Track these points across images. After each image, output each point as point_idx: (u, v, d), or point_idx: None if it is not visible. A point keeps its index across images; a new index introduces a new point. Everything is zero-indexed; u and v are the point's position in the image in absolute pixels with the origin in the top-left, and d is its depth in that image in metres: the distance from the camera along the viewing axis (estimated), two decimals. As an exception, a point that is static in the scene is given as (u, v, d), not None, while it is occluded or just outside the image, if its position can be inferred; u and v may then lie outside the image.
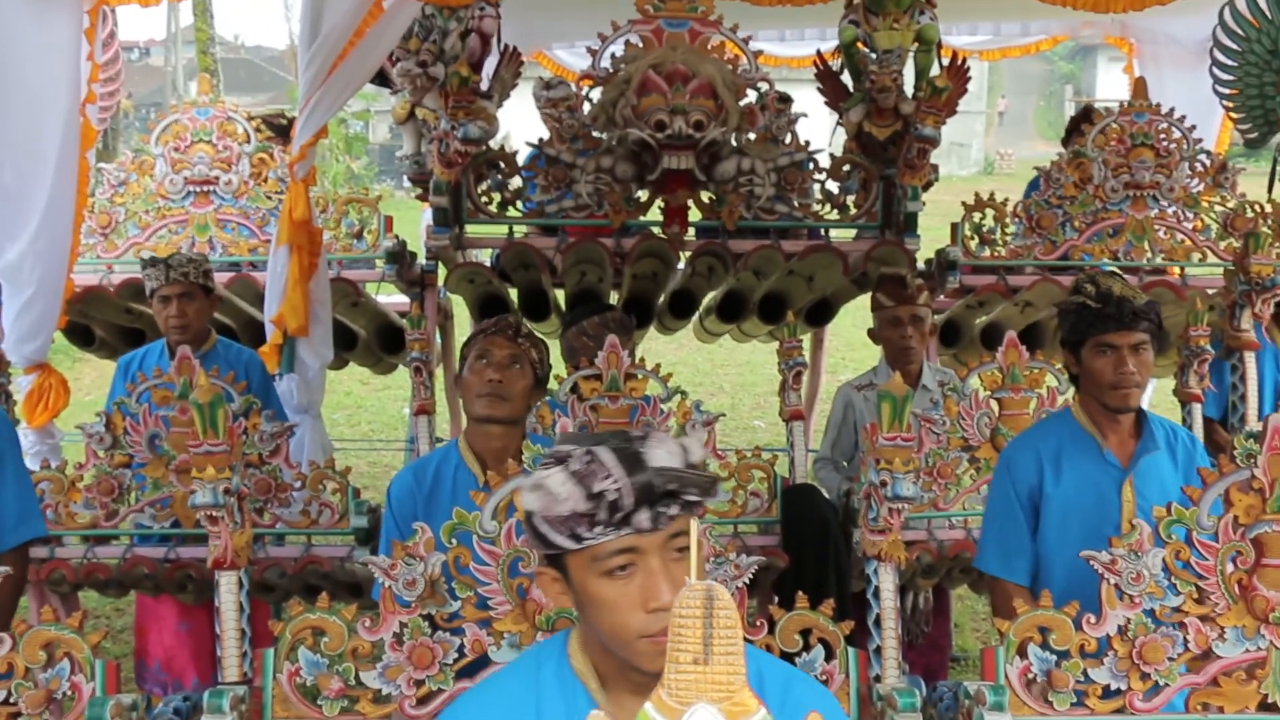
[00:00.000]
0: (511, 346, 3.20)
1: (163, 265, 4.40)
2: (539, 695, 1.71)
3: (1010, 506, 3.29)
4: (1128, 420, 3.24)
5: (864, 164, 5.21)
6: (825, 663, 2.68)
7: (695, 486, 1.60)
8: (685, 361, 11.19)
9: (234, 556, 2.72)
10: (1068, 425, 3.31)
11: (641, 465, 1.58)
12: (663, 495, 1.58)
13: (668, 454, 1.60)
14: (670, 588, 1.58)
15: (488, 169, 5.12)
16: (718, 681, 0.94)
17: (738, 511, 3.79)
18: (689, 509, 1.61)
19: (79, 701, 2.54)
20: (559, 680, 1.72)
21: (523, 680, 1.75)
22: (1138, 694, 2.62)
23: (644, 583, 1.60)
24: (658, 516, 1.58)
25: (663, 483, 1.58)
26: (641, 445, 1.61)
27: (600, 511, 1.57)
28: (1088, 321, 3.18)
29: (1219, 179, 5.46)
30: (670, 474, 1.58)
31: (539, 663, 1.76)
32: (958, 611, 5.69)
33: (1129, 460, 3.22)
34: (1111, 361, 3.14)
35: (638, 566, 1.61)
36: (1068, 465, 3.24)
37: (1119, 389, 3.15)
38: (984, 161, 30.79)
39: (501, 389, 3.16)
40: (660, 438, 1.63)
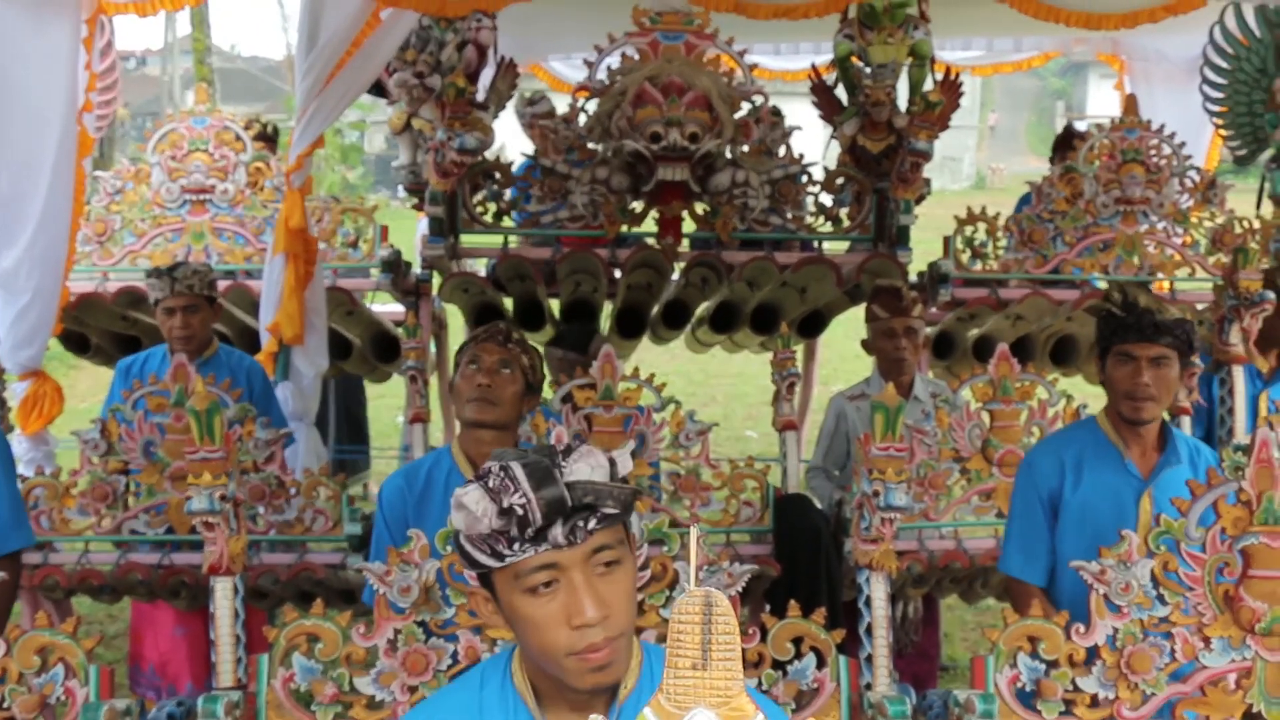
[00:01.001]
0: (502, 352, 3.22)
1: (168, 277, 4.42)
2: (481, 712, 1.71)
3: (1031, 508, 3.33)
4: (1151, 433, 3.26)
5: (857, 177, 5.25)
6: (817, 670, 2.70)
7: (612, 499, 1.57)
8: (678, 371, 11.20)
9: (229, 562, 2.73)
10: (1092, 433, 3.34)
11: (552, 479, 1.55)
12: (577, 509, 1.55)
13: (589, 467, 1.57)
14: (594, 604, 1.57)
15: (483, 179, 5.15)
16: (716, 687, 0.96)
17: (730, 521, 3.81)
18: (609, 522, 1.58)
19: (73, 707, 2.54)
20: (501, 697, 1.71)
21: (466, 696, 1.74)
22: (1126, 703, 2.65)
23: (567, 599, 1.58)
24: (573, 530, 1.55)
25: (576, 496, 1.55)
26: (561, 459, 1.58)
27: (513, 528, 1.55)
28: (1111, 329, 3.22)
29: (1208, 195, 5.50)
30: (584, 487, 1.55)
31: (483, 679, 1.75)
32: (947, 621, 5.71)
33: (1150, 472, 3.24)
34: (1129, 371, 3.17)
35: (561, 583, 1.58)
36: (1089, 472, 3.27)
37: (1132, 399, 3.17)
38: (976, 176, 30.86)
39: (490, 393, 3.18)
40: (586, 450, 1.61)
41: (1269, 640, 2.63)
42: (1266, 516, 2.61)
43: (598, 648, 1.58)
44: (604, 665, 1.61)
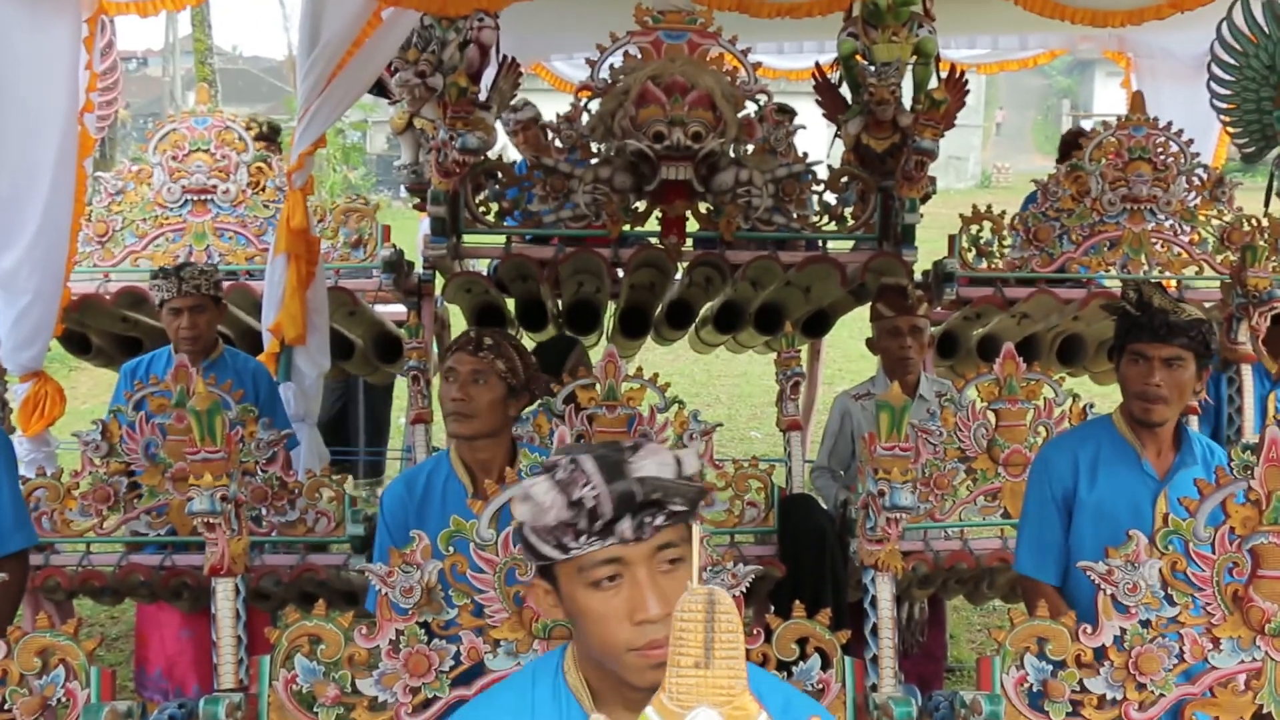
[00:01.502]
0: (474, 362, 3.20)
1: (174, 278, 4.40)
2: (533, 711, 1.70)
3: (1045, 506, 3.30)
4: (1167, 433, 3.24)
5: (862, 176, 5.22)
6: (822, 671, 2.68)
7: (680, 496, 1.57)
8: (682, 372, 11.19)
9: (230, 563, 2.72)
10: (1108, 432, 3.31)
11: (623, 474, 1.55)
12: (645, 505, 1.55)
13: (657, 464, 1.58)
14: (658, 600, 1.56)
15: (486, 179, 5.13)
16: (719, 685, 0.94)
17: (735, 521, 3.79)
18: (676, 519, 1.58)
19: (74, 708, 2.53)
20: (553, 696, 1.71)
21: (518, 695, 1.73)
22: (1133, 704, 2.62)
23: (630, 594, 1.57)
24: (641, 526, 1.55)
25: (644, 492, 1.55)
26: (629, 454, 1.58)
27: (581, 520, 1.55)
28: (1125, 328, 3.19)
29: (1216, 193, 5.48)
30: (653, 483, 1.55)
31: (534, 678, 1.75)
32: (953, 622, 5.68)
33: (1166, 473, 3.22)
34: (1141, 371, 3.14)
35: (624, 578, 1.58)
36: (1104, 471, 3.24)
37: (1143, 400, 3.15)
38: (981, 175, 30.86)
39: (465, 407, 3.18)
40: (653, 448, 1.61)
41: (1279, 641, 2.61)
42: (1276, 516, 2.59)
43: (659, 644, 1.54)
44: (665, 663, 1.59)
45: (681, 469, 1.60)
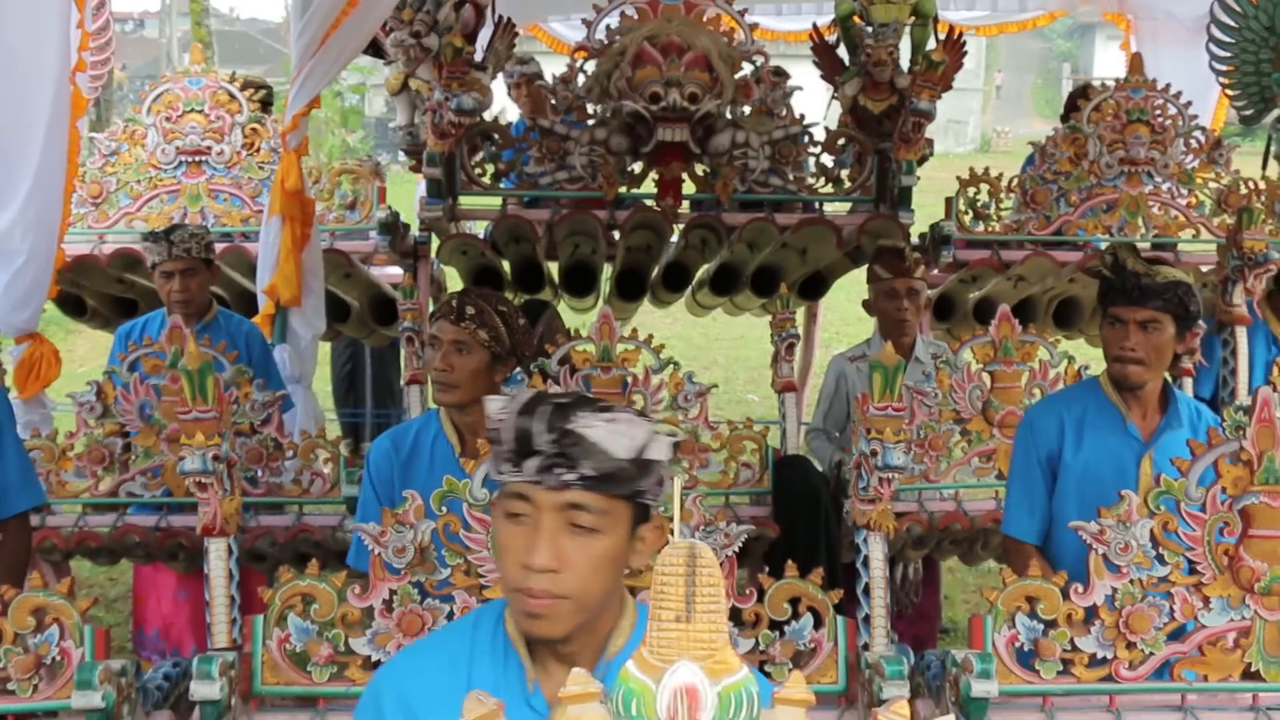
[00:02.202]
0: (456, 331, 3.19)
1: (165, 241, 4.38)
2: (472, 657, 1.70)
3: (1029, 469, 3.32)
4: (1152, 395, 3.24)
5: (859, 138, 5.20)
6: (814, 631, 2.70)
7: (598, 464, 1.55)
8: (679, 335, 11.17)
9: (223, 523, 2.72)
10: (1094, 394, 3.32)
11: (534, 413, 1.55)
12: (558, 454, 1.55)
13: (608, 432, 1.55)
14: (548, 552, 1.56)
15: (481, 141, 5.11)
16: (700, 639, 0.94)
17: (729, 482, 3.80)
18: (588, 484, 1.56)
19: (68, 667, 2.54)
20: (492, 643, 1.71)
21: (459, 640, 1.73)
22: (1124, 663, 2.64)
23: (529, 537, 1.58)
24: (546, 470, 1.55)
25: (564, 443, 1.54)
26: (590, 411, 1.56)
27: (495, 440, 1.59)
28: (1104, 292, 3.20)
29: (1214, 155, 5.45)
30: (575, 438, 1.54)
31: (476, 623, 1.74)
32: (947, 584, 5.71)
33: (1151, 435, 3.23)
34: (1117, 334, 3.15)
35: (530, 519, 1.59)
36: (1089, 433, 3.26)
37: (1119, 362, 3.16)
38: (981, 139, 30.73)
39: (447, 376, 3.18)
40: (625, 419, 1.58)
41: (1268, 600, 2.63)
42: (1267, 476, 2.60)
43: (535, 594, 1.58)
44: (537, 615, 1.60)
45: (640, 450, 1.57)
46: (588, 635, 1.67)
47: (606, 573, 1.62)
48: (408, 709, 1.67)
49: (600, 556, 1.60)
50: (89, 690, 2.40)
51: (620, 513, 1.61)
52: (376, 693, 1.72)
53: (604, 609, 1.67)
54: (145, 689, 2.59)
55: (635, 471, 1.58)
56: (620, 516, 1.61)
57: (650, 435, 1.60)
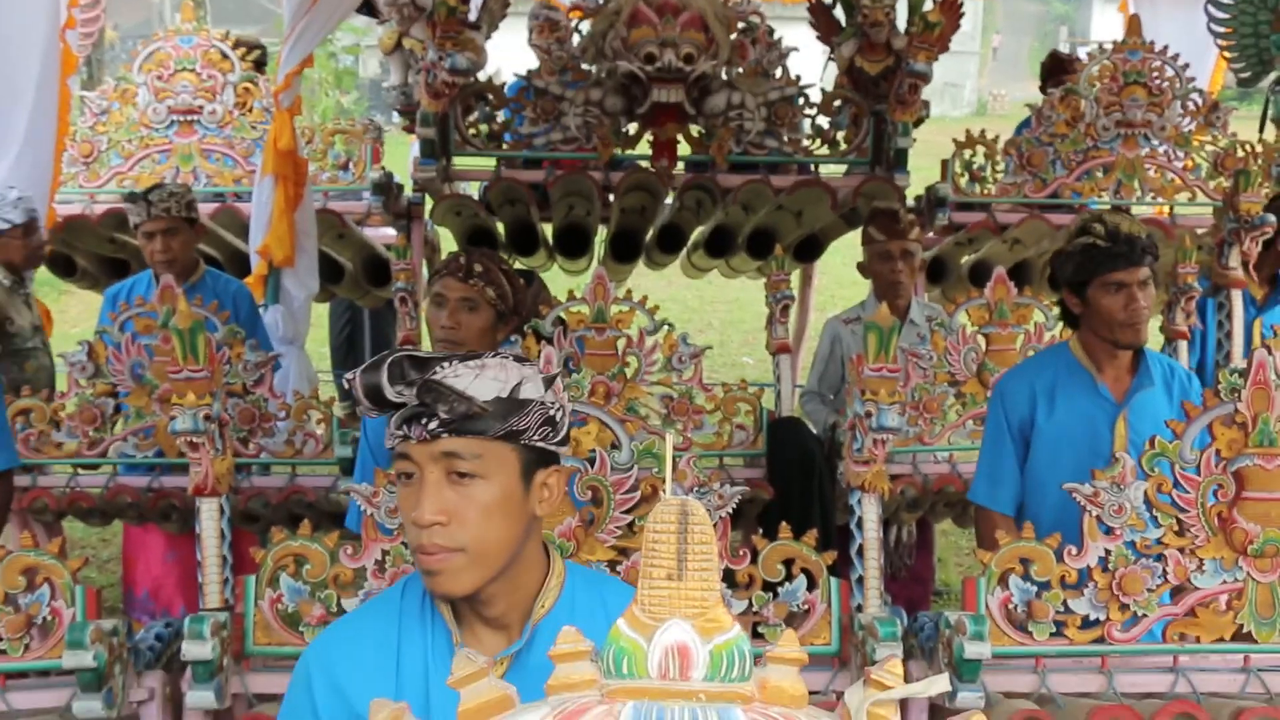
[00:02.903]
0: (463, 289, 3.17)
1: (144, 201, 4.35)
2: (400, 626, 1.68)
3: (1000, 436, 3.32)
4: (1126, 356, 3.25)
5: (855, 99, 5.17)
6: (807, 592, 2.69)
7: (451, 408, 1.53)
8: (674, 298, 11.15)
9: (214, 483, 2.71)
10: (1064, 359, 3.32)
11: (377, 369, 1.54)
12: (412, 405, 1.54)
13: (474, 374, 1.54)
14: (431, 506, 1.55)
15: (475, 101, 5.07)
16: (691, 597, 0.92)
17: (723, 444, 3.79)
18: (447, 429, 1.54)
19: (59, 627, 2.53)
20: (420, 610, 1.69)
21: (386, 611, 1.71)
22: (1116, 624, 2.64)
23: (415, 495, 1.57)
24: (408, 421, 1.54)
25: (422, 394, 1.53)
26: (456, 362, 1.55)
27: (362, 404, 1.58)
28: (1097, 261, 3.16)
29: (1210, 118, 5.42)
30: (431, 387, 1.52)
31: (403, 591, 1.72)
32: (941, 546, 5.72)
33: (1124, 395, 3.23)
34: (1122, 299, 3.13)
35: (416, 478, 1.58)
36: (1062, 398, 3.26)
37: (1132, 325, 3.15)
38: (977, 102, 30.55)
39: (454, 334, 3.16)
40: (495, 363, 1.57)
41: (1261, 562, 2.63)
42: (1261, 438, 2.59)
43: (428, 551, 1.57)
44: (433, 571, 1.59)
45: (510, 390, 1.56)
46: (510, 595, 1.64)
47: (499, 521, 1.59)
48: (336, 687, 1.64)
49: (489, 504, 1.58)
50: (80, 650, 2.39)
51: (502, 456, 1.58)
52: (306, 673, 1.69)
53: (518, 565, 1.64)
54: (137, 649, 2.59)
55: (505, 411, 1.55)
56: (503, 461, 1.58)
57: (523, 375, 1.58)
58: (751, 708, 0.89)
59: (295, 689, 1.70)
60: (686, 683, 0.90)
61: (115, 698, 2.47)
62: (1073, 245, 3.24)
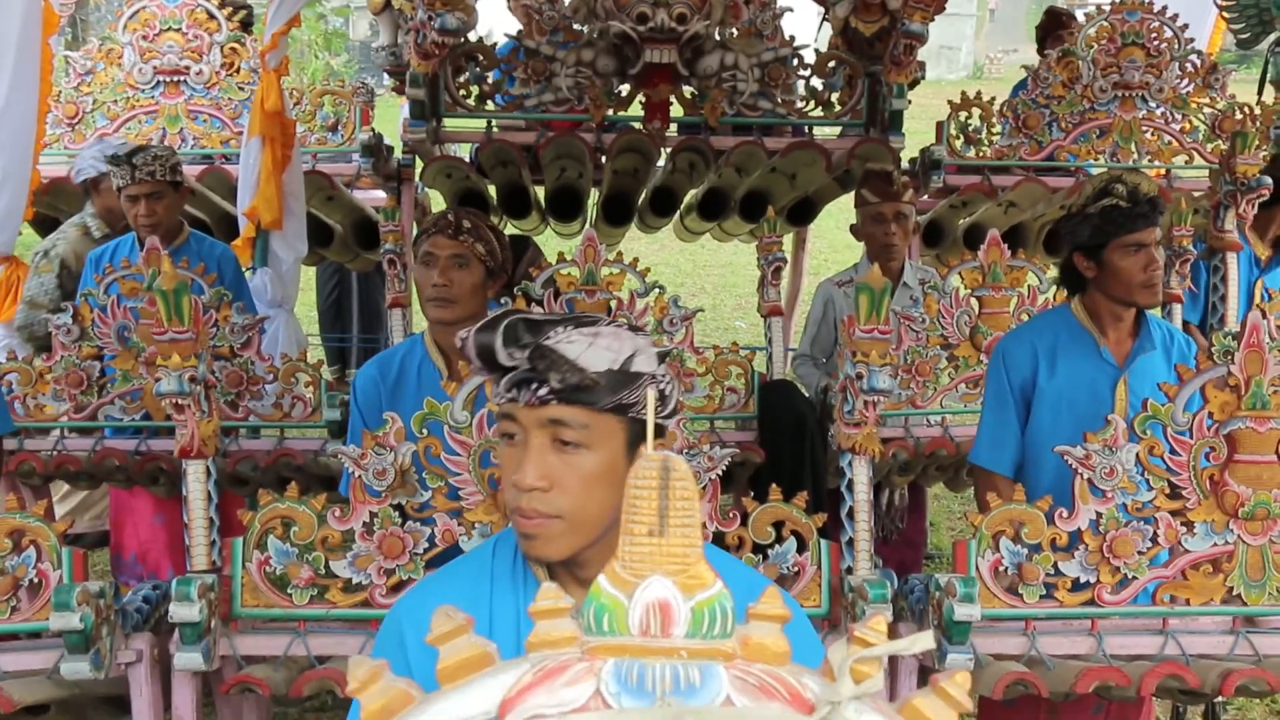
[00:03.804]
0: (454, 246, 3.12)
1: (128, 164, 4.29)
2: (492, 585, 1.68)
3: (1002, 398, 3.31)
4: (1128, 319, 3.24)
5: (849, 60, 5.11)
6: (797, 554, 2.69)
7: (563, 379, 1.51)
8: (667, 262, 11.13)
9: (201, 445, 2.69)
10: (1066, 321, 3.30)
11: (492, 330, 1.53)
12: (523, 369, 1.53)
13: (588, 343, 1.52)
14: (535, 470, 1.54)
15: (466, 61, 5.01)
16: (673, 554, 0.91)
17: (715, 407, 3.78)
18: (559, 397, 1.53)
19: (46, 589, 2.53)
20: (512, 569, 1.69)
21: (477, 567, 1.71)
22: (1106, 587, 2.64)
23: (519, 457, 1.57)
24: (519, 387, 1.53)
25: (534, 359, 1.52)
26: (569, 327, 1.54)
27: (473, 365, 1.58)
28: (1117, 222, 3.13)
29: (1209, 80, 5.37)
30: (544, 353, 1.51)
31: (495, 550, 1.72)
32: (933, 510, 5.73)
33: (1125, 359, 3.22)
34: (1141, 260, 3.12)
35: (520, 440, 1.58)
36: (1063, 360, 3.25)
37: (1151, 286, 3.15)
38: (973, 65, 30.41)
39: (447, 292, 3.11)
40: (609, 332, 1.55)
41: (1251, 525, 2.62)
42: (1254, 401, 2.58)
43: (526, 514, 1.57)
44: (530, 535, 1.59)
45: (629, 362, 1.55)
46: (606, 559, 1.62)
47: (601, 491, 1.58)
48: None
49: (591, 474, 1.57)
50: (67, 612, 2.38)
51: (609, 427, 1.57)
52: (397, 624, 1.69)
53: (615, 531, 1.63)
54: (124, 611, 2.58)
55: (617, 384, 1.54)
56: (610, 431, 1.58)
57: (636, 347, 1.56)
58: (734, 665, 0.88)
59: (385, 644, 1.69)
60: (668, 640, 0.88)
61: (103, 659, 2.47)
62: (1092, 207, 3.20)
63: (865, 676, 0.88)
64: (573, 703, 0.86)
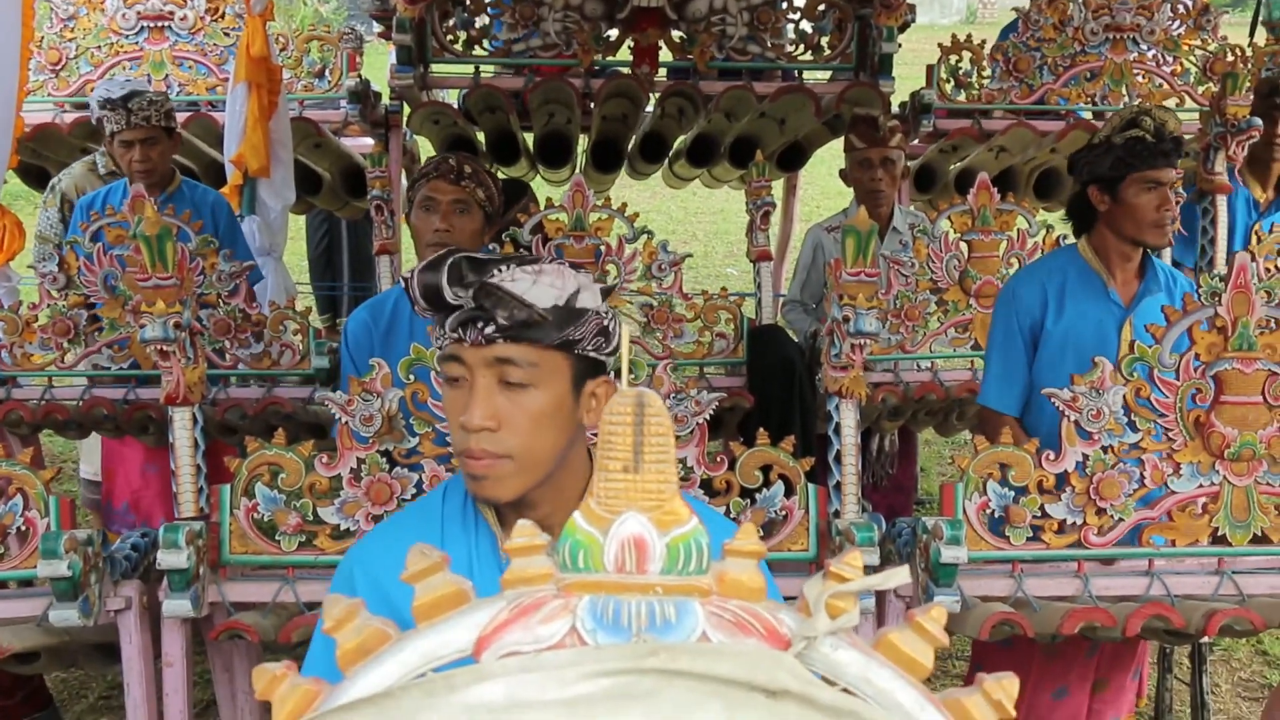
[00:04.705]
0: (455, 190, 3.10)
1: (123, 109, 4.24)
2: (443, 530, 1.69)
3: (1011, 338, 3.31)
4: (1135, 260, 3.23)
5: (839, 4, 5.08)
6: (785, 498, 2.69)
7: (512, 315, 1.51)
8: (658, 209, 11.08)
9: (186, 392, 2.68)
10: (1074, 261, 3.30)
11: (437, 268, 1.52)
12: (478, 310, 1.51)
13: (532, 280, 1.51)
14: (482, 411, 1.54)
15: (453, 6, 4.96)
16: (648, 490, 0.90)
17: (704, 352, 3.78)
18: (505, 335, 1.52)
19: (33, 537, 2.52)
20: (463, 514, 1.70)
21: (428, 514, 1.72)
22: (1093, 529, 2.65)
23: (464, 399, 1.57)
24: (463, 324, 1.52)
25: (480, 297, 1.50)
26: (512, 266, 1.53)
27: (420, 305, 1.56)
28: (1140, 155, 3.11)
29: (1200, 22, 5.34)
30: (492, 291, 1.49)
31: (444, 495, 1.73)
32: (924, 456, 5.74)
33: (1131, 300, 3.22)
34: (1156, 198, 3.11)
35: (466, 382, 1.57)
36: (1070, 301, 3.24)
37: (1161, 226, 3.14)
38: (966, 9, 30.18)
39: (449, 237, 3.09)
40: (553, 269, 1.54)
41: (1237, 465, 2.63)
42: (1240, 342, 2.58)
43: (475, 455, 1.56)
44: (479, 476, 1.59)
45: (567, 299, 1.53)
46: (554, 499, 1.64)
47: (549, 430, 1.59)
48: (378, 586, 1.64)
49: (539, 412, 1.57)
50: (55, 559, 2.38)
51: (555, 365, 1.57)
52: (349, 572, 1.70)
53: (562, 470, 1.64)
54: (113, 559, 2.58)
55: (562, 320, 1.54)
56: (556, 369, 1.58)
57: (580, 284, 1.56)
58: (709, 601, 0.88)
59: (337, 589, 1.70)
60: (643, 576, 0.88)
61: (91, 606, 2.47)
62: (1117, 137, 3.17)
63: (841, 611, 0.88)
64: (549, 639, 0.86)
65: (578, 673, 0.84)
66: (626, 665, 0.84)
